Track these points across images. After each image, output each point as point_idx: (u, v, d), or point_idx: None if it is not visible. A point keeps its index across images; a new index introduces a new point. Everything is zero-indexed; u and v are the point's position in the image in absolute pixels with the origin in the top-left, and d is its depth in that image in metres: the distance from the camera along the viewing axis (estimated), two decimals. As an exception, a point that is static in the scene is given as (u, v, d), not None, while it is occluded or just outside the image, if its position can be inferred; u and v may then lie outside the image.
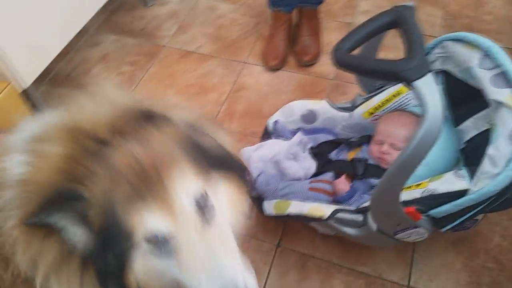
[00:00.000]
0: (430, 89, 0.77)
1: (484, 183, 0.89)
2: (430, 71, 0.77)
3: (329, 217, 1.05)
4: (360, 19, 1.92)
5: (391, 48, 1.47)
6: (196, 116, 0.73)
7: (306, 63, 1.73)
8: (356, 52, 0.95)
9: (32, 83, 1.51)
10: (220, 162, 0.67)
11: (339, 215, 1.05)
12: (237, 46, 1.89)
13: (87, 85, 1.78)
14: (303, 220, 1.09)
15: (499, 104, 0.91)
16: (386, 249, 1.23)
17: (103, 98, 0.70)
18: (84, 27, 1.73)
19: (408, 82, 0.78)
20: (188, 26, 2.00)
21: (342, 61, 0.87)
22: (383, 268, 1.20)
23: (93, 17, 1.78)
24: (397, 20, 0.89)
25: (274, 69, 1.76)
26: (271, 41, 1.78)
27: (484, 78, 0.95)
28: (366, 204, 1.06)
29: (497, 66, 0.93)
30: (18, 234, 0.59)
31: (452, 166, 1.09)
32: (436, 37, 1.83)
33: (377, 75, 0.99)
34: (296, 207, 1.07)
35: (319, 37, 1.79)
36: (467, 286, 1.16)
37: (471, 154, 1.07)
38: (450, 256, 1.21)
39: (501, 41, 1.78)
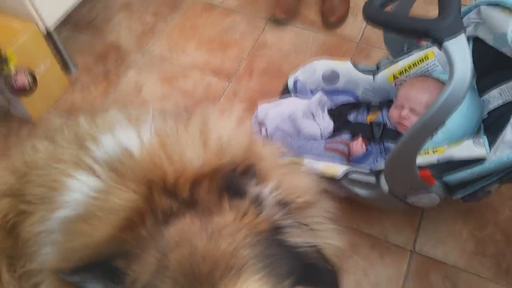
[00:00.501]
0: (461, 51, 0.76)
1: (504, 152, 0.88)
2: (463, 32, 0.76)
3: (343, 177, 1.06)
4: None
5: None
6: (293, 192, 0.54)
7: (332, 24, 1.69)
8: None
9: (55, 28, 1.51)
10: (305, 271, 0.51)
11: (353, 175, 1.06)
12: (262, 2, 1.85)
13: (108, 34, 1.78)
14: (316, 177, 1.10)
15: (530, 73, 0.89)
16: (394, 213, 1.24)
17: (200, 132, 0.56)
18: (108, -27, 1.72)
19: (439, 42, 0.76)
20: (214, -22, 1.96)
21: (373, 16, 0.85)
22: (390, 231, 1.22)
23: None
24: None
25: (282, 22, 1.71)
26: None
27: (518, 45, 0.92)
28: (380, 167, 1.07)
29: (533, 33, 0.90)
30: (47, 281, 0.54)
31: (472, 135, 1.08)
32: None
33: (407, 33, 0.96)
34: (309, 164, 1.08)
35: None
36: (471, 256, 1.17)
37: (493, 125, 1.06)
38: (457, 226, 1.22)
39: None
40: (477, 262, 1.16)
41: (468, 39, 1.11)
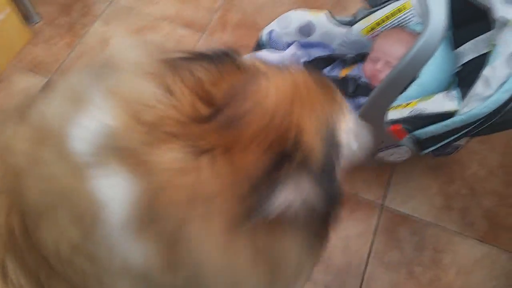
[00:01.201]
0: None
1: (474, 105, 0.88)
2: (440, -23, 0.73)
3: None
4: None
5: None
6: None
7: None
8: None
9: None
10: None
11: (325, 129, 1.04)
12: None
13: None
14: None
15: (504, 24, 0.87)
16: (364, 170, 1.24)
17: None
18: None
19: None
20: None
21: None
22: (360, 186, 1.23)
23: None
24: None
25: None
26: None
27: (495, -4, 0.90)
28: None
29: (509, -16, 0.88)
30: None
31: (445, 88, 1.07)
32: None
33: None
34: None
35: None
36: (440, 209, 1.20)
37: (466, 77, 1.06)
38: (427, 180, 1.24)
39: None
40: (444, 216, 1.19)
41: (446, -10, 1.08)
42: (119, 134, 0.41)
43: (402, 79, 0.80)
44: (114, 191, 0.40)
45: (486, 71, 0.87)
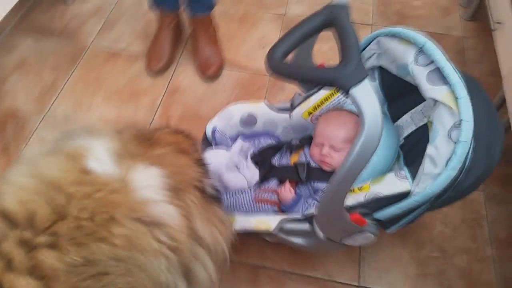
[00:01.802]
0: (367, 96, 0.73)
1: (426, 183, 0.88)
2: (365, 77, 0.74)
3: (276, 229, 1.00)
4: (294, 10, 1.89)
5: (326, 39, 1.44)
6: None
7: (211, 76, 1.63)
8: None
9: None
10: None
11: (286, 225, 1.01)
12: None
13: (3, 98, 1.60)
14: (249, 234, 1.04)
15: (436, 102, 0.89)
16: (335, 251, 1.21)
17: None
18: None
19: (345, 90, 0.74)
20: (114, 23, 1.85)
21: (277, 69, 0.82)
22: (333, 270, 1.19)
23: (6, 16, 1.59)
24: (331, 21, 0.84)
25: (157, 73, 1.64)
26: (156, 42, 1.66)
27: (420, 75, 0.93)
28: (311, 210, 1.03)
29: (432, 62, 0.92)
30: None
31: (392, 163, 1.08)
32: (370, 24, 1.86)
33: (313, 83, 0.95)
34: (240, 223, 1.01)
35: (218, 45, 1.68)
36: (415, 279, 1.17)
37: (410, 151, 1.07)
38: (397, 250, 1.22)
39: (429, 26, 1.83)
40: (421, 284, 1.17)
41: (373, 69, 1.12)
42: None
43: (349, 178, 0.78)
44: None
45: (430, 150, 0.88)
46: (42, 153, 0.67)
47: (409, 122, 1.09)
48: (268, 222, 1.01)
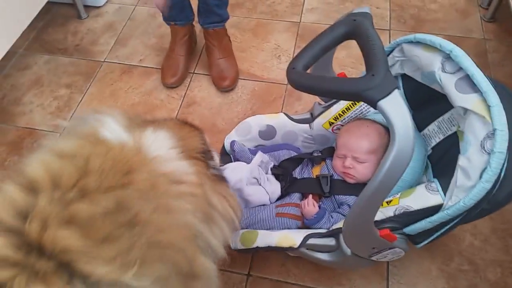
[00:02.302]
0: (397, 109, 0.70)
1: (458, 197, 0.84)
2: (395, 88, 0.70)
3: (301, 245, 0.97)
4: (308, 17, 1.86)
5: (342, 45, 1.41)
6: None
7: (227, 89, 1.61)
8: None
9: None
10: None
11: (311, 240, 0.98)
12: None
13: (19, 116, 1.61)
14: (272, 251, 1.01)
15: (467, 111, 0.86)
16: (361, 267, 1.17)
17: None
18: (11, 49, 1.56)
19: (373, 103, 0.70)
20: (127, 38, 1.85)
21: (299, 82, 0.78)
22: (360, 284, 1.15)
23: (21, 36, 1.60)
24: (354, 31, 0.81)
25: (172, 87, 1.64)
26: (170, 57, 1.65)
27: (449, 83, 0.89)
28: (337, 225, 1.00)
29: (460, 69, 0.88)
30: None
31: (421, 175, 1.04)
32: (387, 29, 1.82)
33: (338, 96, 0.92)
34: (263, 239, 0.98)
35: (233, 57, 1.65)
36: (446, 293, 1.13)
37: (439, 162, 1.03)
38: (425, 263, 1.17)
39: (448, 29, 1.78)
40: (452, 299, 1.12)
41: (397, 77, 1.08)
42: None
43: (380, 195, 0.75)
44: None
45: (462, 162, 0.84)
46: (56, 140, 0.72)
47: (436, 132, 1.05)
48: (292, 237, 0.98)
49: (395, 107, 0.70)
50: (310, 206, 1.04)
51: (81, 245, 0.52)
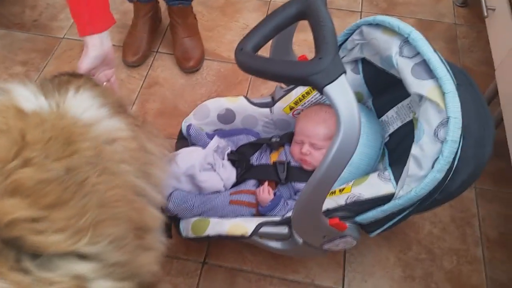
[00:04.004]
0: (343, 95, 0.66)
1: (410, 186, 0.81)
2: (342, 73, 0.67)
3: (253, 233, 0.94)
4: (279, -4, 1.80)
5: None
6: None
7: (191, 70, 1.54)
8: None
9: None
10: None
11: (263, 229, 0.95)
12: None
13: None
14: (225, 239, 0.98)
15: (422, 97, 0.83)
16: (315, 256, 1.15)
17: None
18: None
19: (319, 88, 0.66)
20: (89, 13, 1.75)
21: (246, 64, 0.74)
22: (316, 273, 1.13)
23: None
24: (306, 11, 0.76)
25: (133, 65, 1.57)
26: (132, 34, 1.58)
27: (405, 68, 0.86)
28: (291, 213, 0.97)
29: (418, 54, 0.84)
30: None
31: (377, 162, 1.02)
32: (359, 11, 1.77)
33: (285, 81, 0.88)
34: (214, 227, 0.95)
35: (199, 37, 1.59)
36: (401, 282, 1.12)
37: (396, 149, 1.01)
38: (383, 251, 1.16)
39: (420, 13, 1.75)
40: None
41: (357, 60, 1.05)
42: None
43: (326, 183, 0.72)
44: None
45: (415, 151, 0.81)
46: None
47: (395, 118, 1.02)
48: (244, 226, 0.95)
49: (341, 93, 0.66)
50: (265, 193, 1.01)
51: (29, 214, 0.48)
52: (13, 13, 1.76)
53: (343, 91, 0.66)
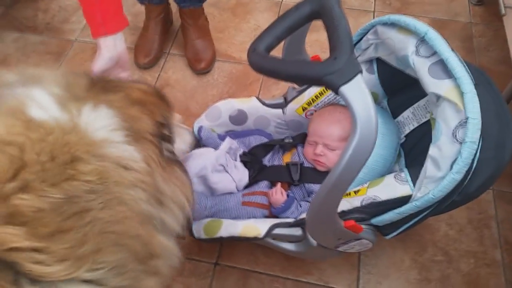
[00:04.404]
0: (359, 95, 0.65)
1: (428, 188, 0.80)
2: (358, 73, 0.65)
3: (266, 235, 0.93)
4: (291, -4, 1.79)
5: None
6: None
7: (202, 71, 1.54)
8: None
9: None
10: None
11: (277, 230, 0.94)
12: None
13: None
14: (238, 241, 0.97)
15: (438, 97, 0.81)
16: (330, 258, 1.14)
17: None
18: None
19: (335, 89, 0.65)
20: (101, 15, 1.76)
21: (259, 64, 0.73)
22: (330, 274, 1.12)
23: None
24: (319, 11, 0.75)
25: (145, 67, 1.56)
26: (144, 36, 1.58)
27: (422, 68, 0.84)
28: (304, 214, 0.96)
29: (435, 53, 0.83)
30: None
31: (393, 163, 1.00)
32: (371, 11, 1.76)
33: (300, 81, 0.86)
34: (227, 229, 0.94)
35: (210, 38, 1.59)
36: (417, 284, 1.10)
37: (412, 150, 0.99)
38: (398, 254, 1.15)
39: (434, 12, 1.73)
40: (423, 291, 1.09)
41: (371, 60, 1.03)
42: None
43: (342, 186, 0.71)
44: None
45: (433, 152, 0.80)
46: None
47: (410, 118, 1.00)
48: (257, 227, 0.94)
49: (357, 93, 0.65)
50: (278, 194, 1.00)
51: (27, 245, 0.47)
52: (26, 16, 1.78)
53: (360, 91, 0.65)
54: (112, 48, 0.87)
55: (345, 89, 0.65)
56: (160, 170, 0.67)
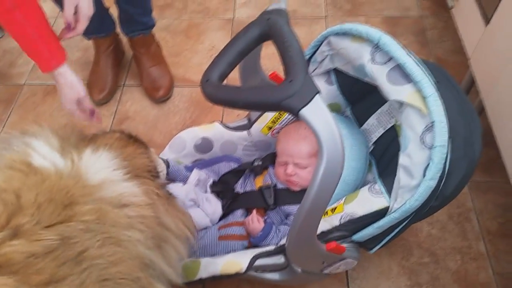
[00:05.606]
0: (321, 117, 0.62)
1: (404, 198, 0.77)
2: (316, 94, 0.62)
3: (248, 268, 0.88)
4: (242, 13, 1.77)
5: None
6: None
7: (162, 99, 1.48)
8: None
9: None
10: None
11: (259, 262, 0.89)
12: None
13: None
14: (220, 280, 0.92)
15: (402, 104, 0.79)
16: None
17: None
18: None
19: (294, 113, 0.62)
20: (49, 54, 1.69)
21: (214, 96, 0.69)
22: (320, 294, 1.08)
23: None
24: (269, 32, 0.72)
25: (101, 103, 1.50)
26: (96, 71, 1.51)
27: (380, 76, 0.82)
28: (284, 240, 0.92)
29: (391, 59, 0.81)
30: None
31: (364, 174, 0.98)
32: (323, 17, 1.75)
33: (259, 109, 0.83)
34: (207, 269, 0.89)
35: (165, 64, 1.53)
36: (409, 291, 1.08)
37: (382, 158, 0.97)
38: (385, 262, 1.12)
39: (385, 10, 1.74)
40: (415, 296, 1.07)
41: (329, 72, 1.01)
42: None
43: (316, 212, 0.67)
44: None
45: (403, 160, 0.78)
46: None
47: (376, 125, 0.98)
48: (238, 261, 0.89)
49: (318, 115, 0.62)
50: (255, 222, 0.96)
51: None
52: (-31, 64, 1.68)
53: (320, 112, 0.62)
54: (72, 73, 0.95)
55: (305, 111, 0.62)
56: (162, 202, 0.68)
